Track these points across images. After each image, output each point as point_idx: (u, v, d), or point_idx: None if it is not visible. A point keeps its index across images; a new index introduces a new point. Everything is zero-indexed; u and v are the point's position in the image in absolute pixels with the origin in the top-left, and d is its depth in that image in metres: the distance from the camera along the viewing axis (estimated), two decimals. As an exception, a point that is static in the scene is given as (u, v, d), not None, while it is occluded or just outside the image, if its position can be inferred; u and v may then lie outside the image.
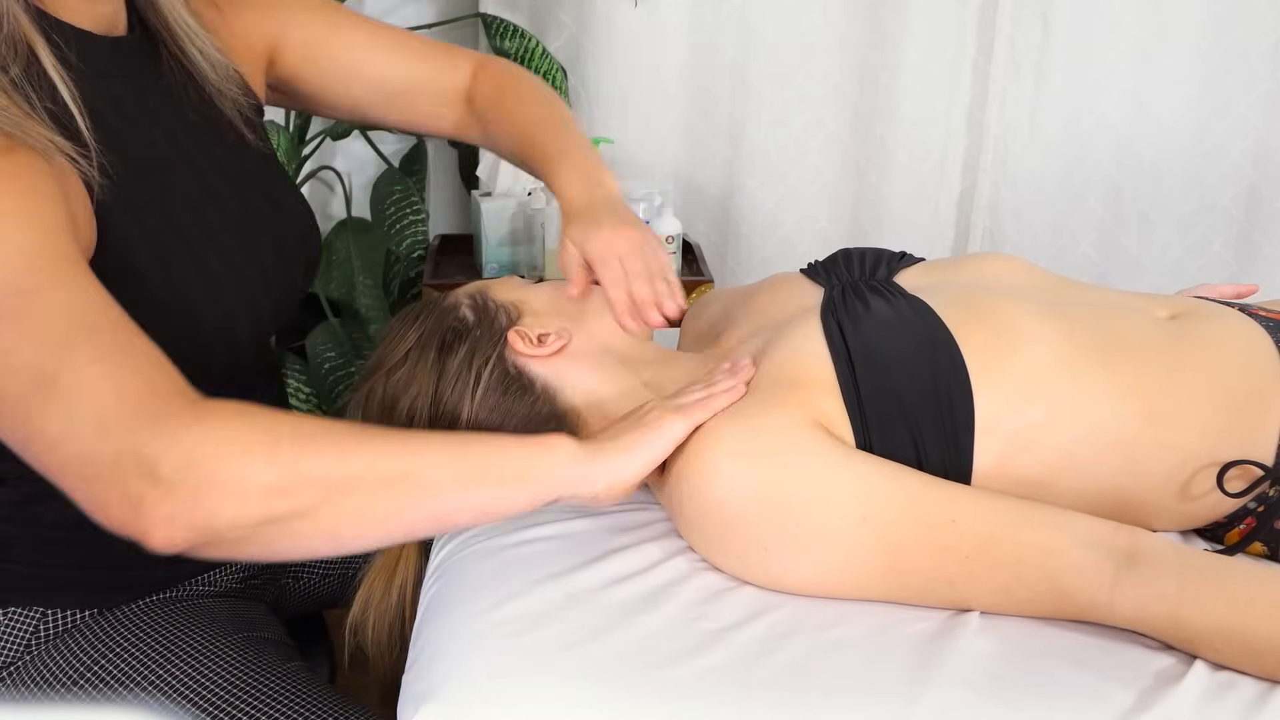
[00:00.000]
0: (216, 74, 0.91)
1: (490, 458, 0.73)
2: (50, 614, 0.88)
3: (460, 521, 0.74)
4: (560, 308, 0.97)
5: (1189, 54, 1.99)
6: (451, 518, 0.72)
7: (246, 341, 0.89)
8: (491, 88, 1.08)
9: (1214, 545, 0.87)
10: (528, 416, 0.91)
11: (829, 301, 0.92)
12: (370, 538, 0.69)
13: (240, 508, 0.62)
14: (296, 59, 1.02)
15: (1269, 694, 0.70)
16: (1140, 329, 0.89)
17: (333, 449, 0.66)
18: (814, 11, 1.94)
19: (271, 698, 0.85)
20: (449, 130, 1.11)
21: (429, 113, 1.10)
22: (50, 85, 0.74)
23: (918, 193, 2.05)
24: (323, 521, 0.65)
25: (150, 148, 0.84)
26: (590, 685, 0.71)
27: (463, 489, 0.71)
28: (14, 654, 0.88)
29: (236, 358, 0.88)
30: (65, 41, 0.77)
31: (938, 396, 0.82)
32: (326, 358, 1.71)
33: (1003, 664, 0.72)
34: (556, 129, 1.02)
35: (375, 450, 0.68)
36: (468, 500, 0.71)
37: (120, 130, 0.80)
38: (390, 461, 0.68)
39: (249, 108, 0.96)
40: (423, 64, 1.08)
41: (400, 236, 1.89)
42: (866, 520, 0.77)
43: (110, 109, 0.80)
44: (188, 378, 0.69)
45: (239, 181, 0.92)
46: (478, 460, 0.72)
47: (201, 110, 0.91)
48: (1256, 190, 2.09)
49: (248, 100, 0.95)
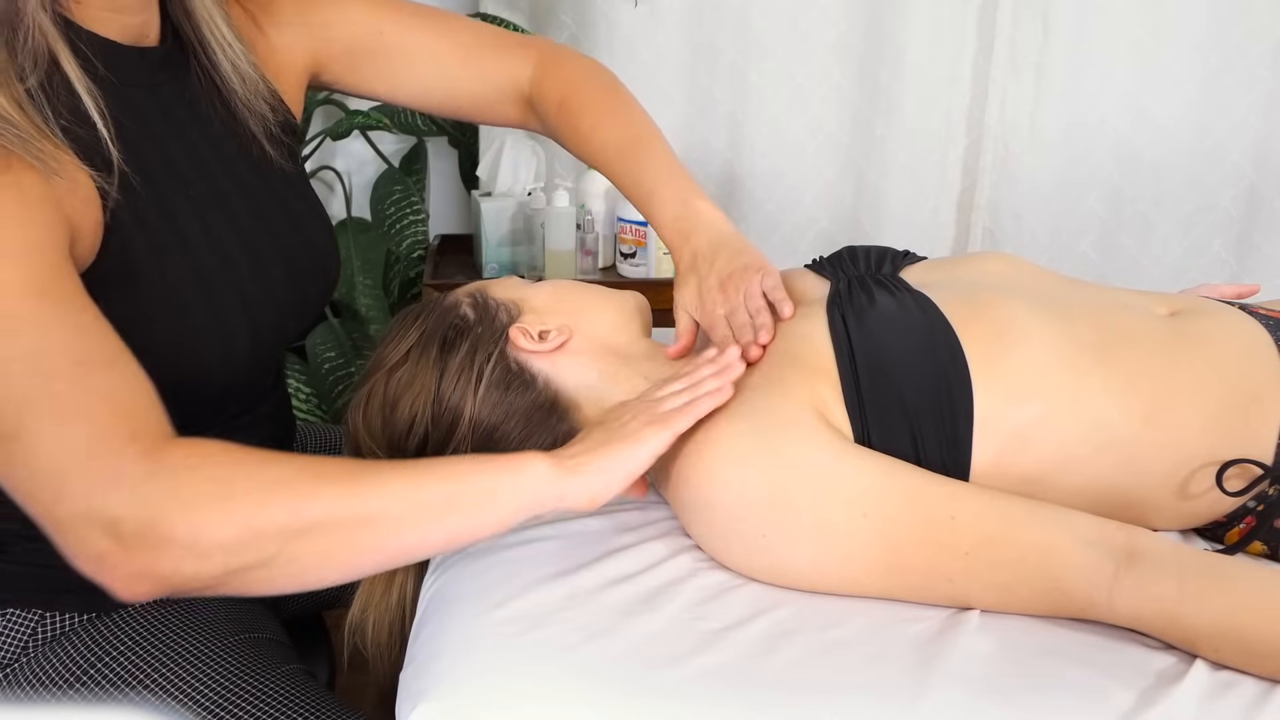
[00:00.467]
0: (246, 88, 0.90)
1: (455, 485, 0.72)
2: (49, 616, 0.88)
3: (432, 550, 0.75)
4: (560, 305, 0.97)
5: (1189, 54, 1.99)
6: (421, 548, 0.73)
7: (244, 356, 0.88)
8: (556, 97, 1.05)
9: (1214, 545, 0.87)
10: (530, 412, 0.91)
11: (835, 294, 0.92)
12: (337, 576, 0.70)
13: (198, 564, 0.64)
14: (341, 70, 1.02)
15: (1269, 694, 0.70)
16: (1140, 326, 0.89)
17: (290, 497, 0.66)
18: (814, 11, 1.94)
19: (268, 700, 0.85)
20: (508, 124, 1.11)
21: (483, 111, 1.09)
22: (71, 95, 0.74)
23: (918, 193, 2.05)
24: (284, 568, 0.66)
25: (165, 157, 0.84)
26: (590, 685, 0.71)
27: (428, 520, 0.71)
28: (12, 655, 0.88)
29: (232, 370, 0.88)
30: (92, 51, 0.77)
31: (938, 392, 0.82)
32: (326, 358, 1.72)
33: (1003, 663, 0.72)
34: (641, 156, 1.01)
35: (334, 493, 0.68)
36: (435, 530, 0.71)
37: (136, 139, 0.80)
38: (350, 502, 0.68)
39: (277, 124, 0.94)
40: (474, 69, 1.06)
41: (400, 236, 1.89)
42: (867, 515, 0.77)
43: (128, 118, 0.80)
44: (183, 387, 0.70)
45: (256, 197, 0.92)
46: (440, 489, 0.71)
47: (226, 124, 0.90)
48: (1256, 190, 2.09)
49: (276, 117, 0.94)
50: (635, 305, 1.01)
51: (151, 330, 0.78)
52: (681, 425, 0.80)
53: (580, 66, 1.08)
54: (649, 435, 0.79)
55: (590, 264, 1.80)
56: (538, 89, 1.07)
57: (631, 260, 1.78)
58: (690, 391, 0.83)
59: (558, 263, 1.74)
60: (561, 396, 0.93)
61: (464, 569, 0.84)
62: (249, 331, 0.88)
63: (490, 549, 0.85)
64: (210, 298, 0.84)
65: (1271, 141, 2.05)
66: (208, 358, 0.85)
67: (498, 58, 1.07)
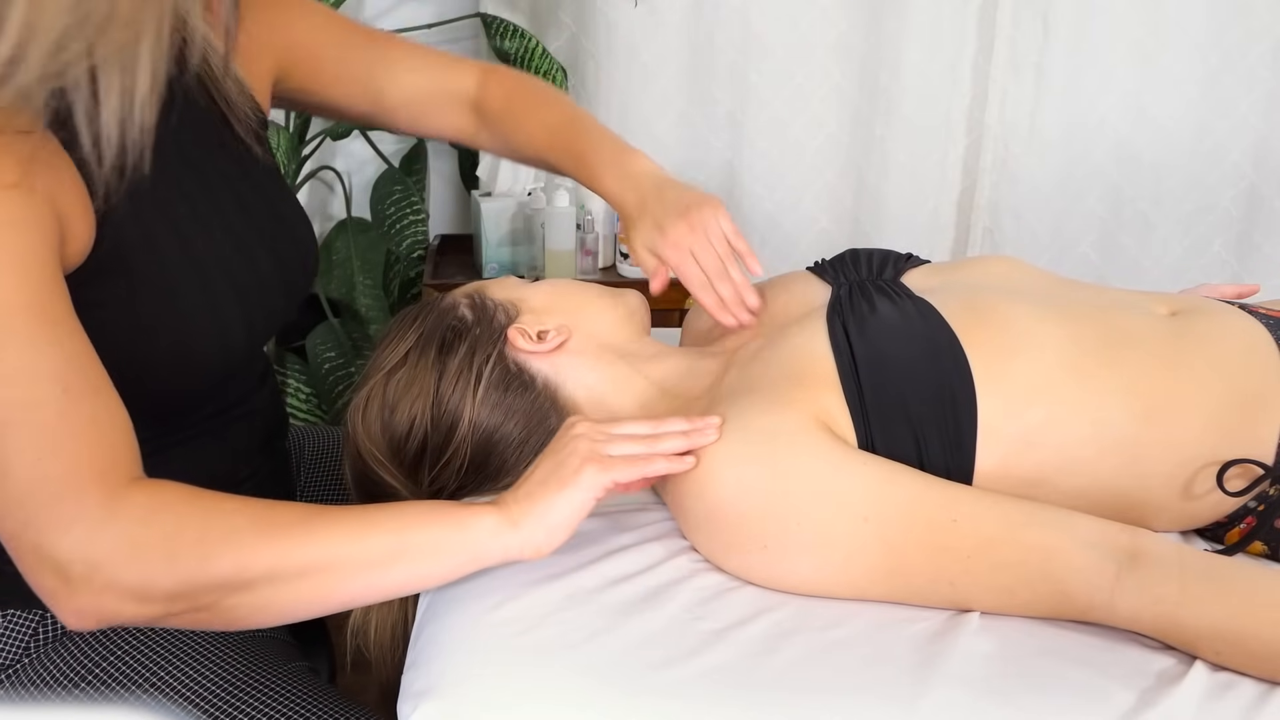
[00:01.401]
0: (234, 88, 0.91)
1: (400, 538, 0.73)
2: (49, 617, 0.88)
3: (380, 597, 0.76)
4: (558, 304, 0.97)
5: (1189, 54, 1.99)
6: (368, 596, 0.75)
7: (240, 345, 0.89)
8: (501, 96, 1.10)
9: (1214, 545, 0.87)
10: (529, 413, 0.91)
11: (835, 301, 0.92)
12: (280, 620, 0.73)
13: (140, 608, 0.68)
14: (303, 74, 1.03)
15: (1269, 694, 0.70)
16: (1141, 327, 0.89)
17: (236, 552, 0.69)
18: (814, 11, 1.94)
19: (274, 697, 0.85)
20: (456, 137, 1.14)
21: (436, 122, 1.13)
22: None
23: (918, 193, 2.05)
24: (225, 614, 0.70)
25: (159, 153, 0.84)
26: (590, 685, 0.71)
27: (372, 572, 0.73)
28: (14, 656, 0.88)
29: (229, 359, 0.88)
30: None
31: (942, 399, 0.82)
32: (326, 358, 1.72)
33: (1003, 664, 0.72)
34: (577, 129, 1.05)
35: (280, 549, 0.70)
36: (381, 581, 0.73)
37: None
38: (295, 556, 0.70)
39: (255, 120, 0.95)
40: (427, 76, 1.10)
41: (400, 236, 1.89)
42: (868, 520, 0.77)
43: None
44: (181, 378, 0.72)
45: (243, 192, 0.92)
46: (386, 543, 0.73)
47: (211, 121, 0.91)
48: (1256, 190, 2.09)
49: (255, 113, 0.95)
50: (634, 304, 1.01)
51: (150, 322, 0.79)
52: (623, 477, 0.78)
53: (519, 73, 1.15)
54: (587, 478, 0.77)
55: (590, 264, 1.80)
56: (484, 90, 1.11)
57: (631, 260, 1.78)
58: (648, 444, 0.81)
59: (557, 263, 1.74)
60: (561, 396, 0.93)
61: (464, 569, 0.84)
62: (244, 320, 0.88)
63: (490, 549, 0.85)
64: (206, 288, 0.85)
65: (1271, 141, 2.05)
66: (205, 346, 0.85)
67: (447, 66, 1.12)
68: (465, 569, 0.76)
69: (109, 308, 0.77)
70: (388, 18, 1.99)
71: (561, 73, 1.83)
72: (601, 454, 0.78)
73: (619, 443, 0.80)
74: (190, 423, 0.79)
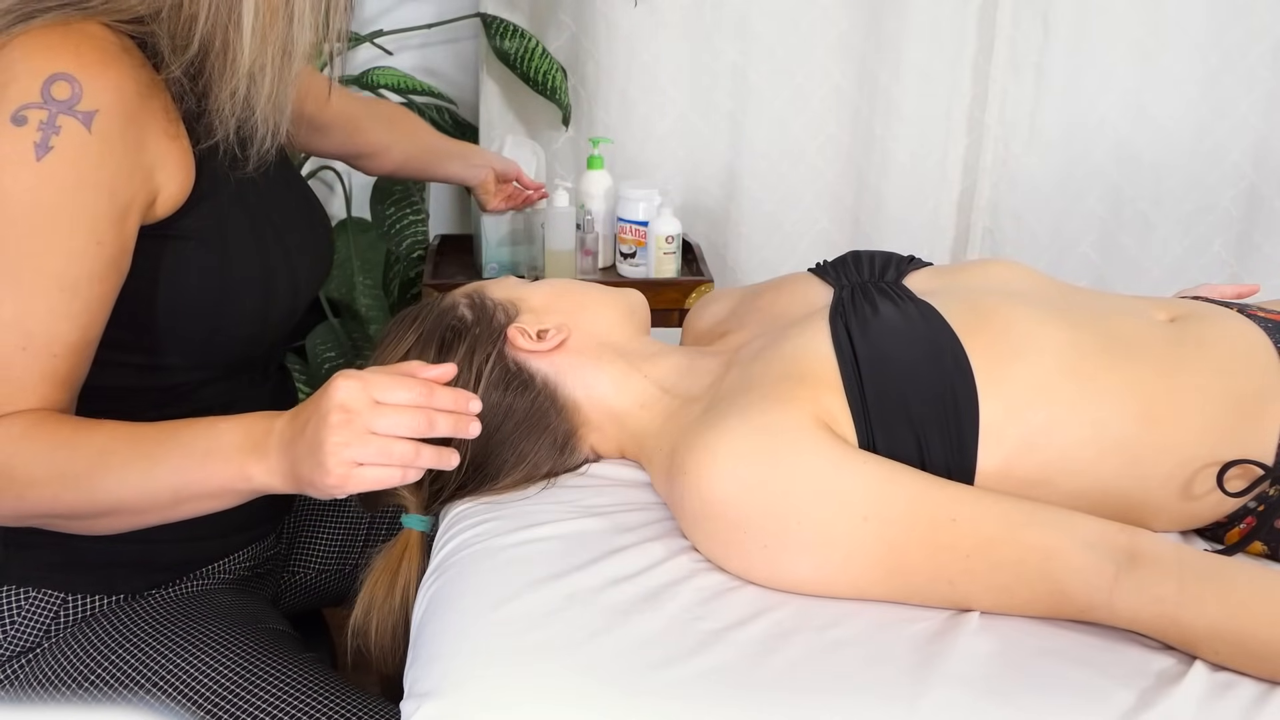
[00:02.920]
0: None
1: (185, 478, 0.78)
2: (71, 599, 0.90)
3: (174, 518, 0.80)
4: (557, 303, 0.97)
5: (1189, 54, 1.99)
6: (165, 521, 0.80)
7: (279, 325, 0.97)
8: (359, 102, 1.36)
9: (1214, 545, 0.87)
10: (529, 412, 0.91)
11: (838, 303, 0.92)
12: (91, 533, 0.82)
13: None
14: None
15: (1269, 694, 0.70)
16: (1140, 332, 0.89)
17: (39, 495, 0.77)
18: (814, 11, 1.94)
19: (291, 686, 0.87)
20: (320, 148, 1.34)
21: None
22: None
23: (917, 193, 2.05)
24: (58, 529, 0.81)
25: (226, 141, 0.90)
26: (590, 685, 0.71)
27: (163, 511, 0.79)
28: (35, 638, 0.89)
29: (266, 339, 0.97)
30: None
31: (943, 401, 0.82)
32: (326, 358, 1.72)
33: (1003, 664, 0.72)
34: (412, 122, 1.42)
35: (81, 493, 0.77)
36: (171, 516, 0.79)
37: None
38: (94, 501, 0.78)
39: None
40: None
41: (400, 236, 1.90)
42: (868, 519, 0.77)
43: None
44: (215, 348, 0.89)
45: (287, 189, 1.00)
46: (170, 485, 0.78)
47: None
48: (1256, 190, 2.09)
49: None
50: (634, 302, 1.01)
51: (224, 283, 0.88)
52: (368, 486, 0.75)
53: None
54: (333, 482, 0.74)
55: (590, 264, 1.80)
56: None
57: (631, 260, 1.78)
58: (421, 417, 0.75)
59: (557, 263, 1.74)
60: (561, 395, 0.93)
61: (464, 569, 0.84)
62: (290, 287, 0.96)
63: (491, 549, 0.85)
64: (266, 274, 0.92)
65: (1271, 141, 2.05)
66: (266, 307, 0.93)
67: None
68: (246, 499, 0.80)
69: (193, 273, 0.86)
70: (388, 18, 1.98)
71: (561, 73, 1.83)
72: (355, 459, 0.73)
73: (386, 414, 0.74)
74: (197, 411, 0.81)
